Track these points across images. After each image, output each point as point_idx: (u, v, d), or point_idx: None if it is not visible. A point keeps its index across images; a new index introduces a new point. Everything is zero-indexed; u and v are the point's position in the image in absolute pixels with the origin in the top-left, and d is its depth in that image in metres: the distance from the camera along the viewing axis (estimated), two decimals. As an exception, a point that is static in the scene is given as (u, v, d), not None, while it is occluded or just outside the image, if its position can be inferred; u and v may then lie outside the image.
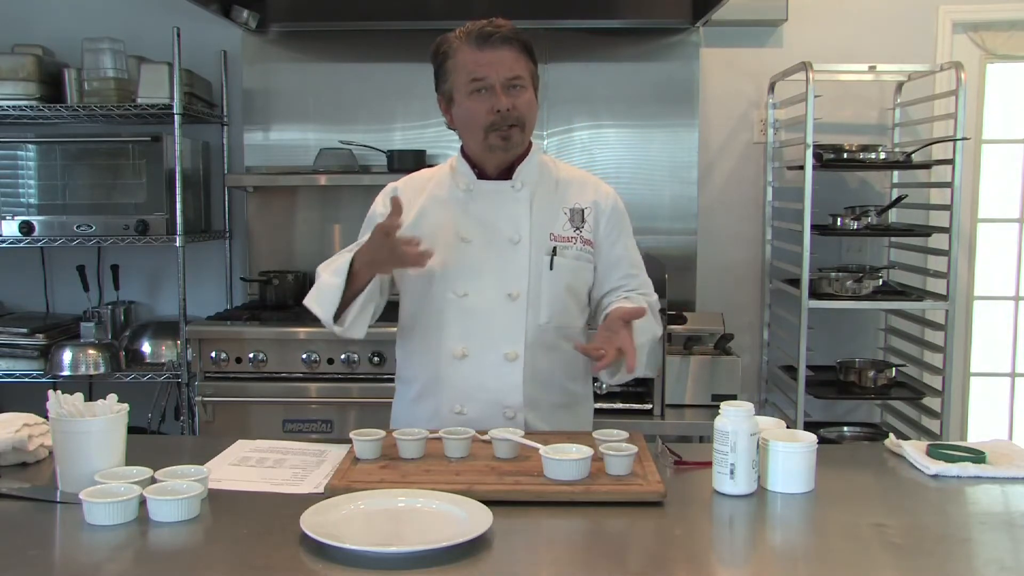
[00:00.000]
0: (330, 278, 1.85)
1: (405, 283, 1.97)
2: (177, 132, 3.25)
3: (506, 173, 1.94)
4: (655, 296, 2.03)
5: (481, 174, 1.95)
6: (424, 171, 2.08)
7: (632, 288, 1.99)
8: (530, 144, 1.97)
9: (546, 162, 2.01)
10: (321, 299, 1.85)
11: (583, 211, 1.96)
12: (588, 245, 1.95)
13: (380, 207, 2.00)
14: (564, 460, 1.52)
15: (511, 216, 1.92)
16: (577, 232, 1.94)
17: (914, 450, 1.72)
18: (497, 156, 1.91)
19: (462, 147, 1.98)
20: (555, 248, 1.92)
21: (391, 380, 2.10)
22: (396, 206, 1.76)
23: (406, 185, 2.02)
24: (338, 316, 1.85)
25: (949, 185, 3.17)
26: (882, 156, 3.26)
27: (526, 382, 1.89)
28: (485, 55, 1.84)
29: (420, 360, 1.95)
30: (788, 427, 1.66)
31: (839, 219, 3.28)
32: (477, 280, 1.89)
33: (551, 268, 1.91)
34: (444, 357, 1.90)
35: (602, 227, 1.97)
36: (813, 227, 3.16)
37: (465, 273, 1.90)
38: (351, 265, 1.83)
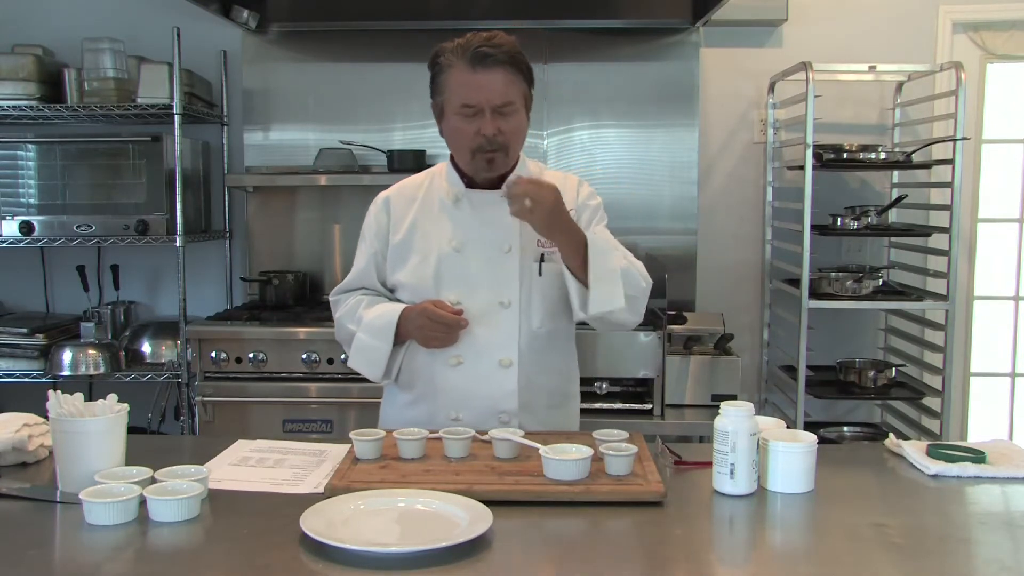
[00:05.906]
0: (372, 340, 1.92)
1: (401, 293, 1.99)
2: (177, 132, 3.25)
3: (495, 182, 1.94)
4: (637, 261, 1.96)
5: (471, 183, 1.96)
6: (413, 178, 2.07)
7: None
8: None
9: (532, 171, 2.00)
10: (369, 362, 1.94)
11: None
12: None
13: (378, 217, 2.01)
14: (564, 460, 1.52)
15: (501, 225, 1.91)
16: None
17: (914, 450, 1.72)
18: (481, 175, 1.92)
19: (451, 155, 1.99)
20: (543, 255, 1.92)
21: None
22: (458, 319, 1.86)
23: (398, 194, 2.03)
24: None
25: (949, 185, 3.17)
26: (882, 156, 3.26)
27: (520, 388, 1.90)
28: (477, 77, 1.83)
29: (416, 367, 1.96)
30: (788, 427, 1.66)
31: (839, 219, 3.28)
32: (470, 289, 1.90)
33: (540, 274, 1.91)
34: (439, 365, 1.92)
35: (581, 226, 1.96)
36: (813, 227, 3.16)
37: (458, 282, 1.91)
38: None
